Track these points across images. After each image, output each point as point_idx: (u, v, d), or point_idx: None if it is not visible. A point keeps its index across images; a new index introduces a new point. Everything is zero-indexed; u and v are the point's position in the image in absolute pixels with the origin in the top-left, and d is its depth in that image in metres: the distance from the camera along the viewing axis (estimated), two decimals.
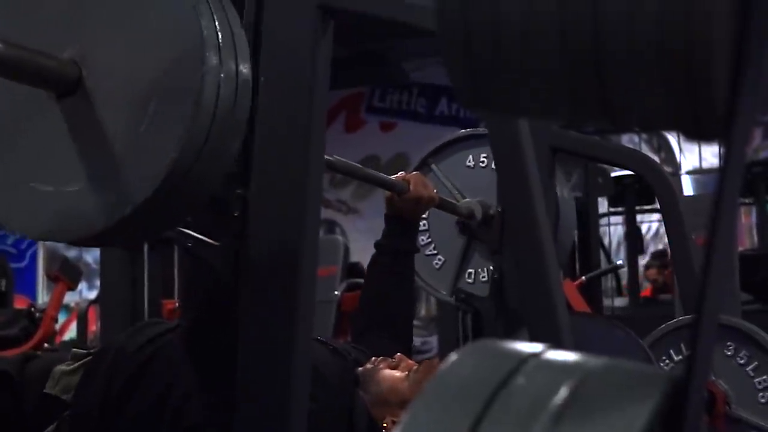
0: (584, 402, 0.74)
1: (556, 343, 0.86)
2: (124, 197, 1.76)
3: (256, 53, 2.01)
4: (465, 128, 11.09)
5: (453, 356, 0.82)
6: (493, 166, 3.41)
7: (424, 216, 3.41)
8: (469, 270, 3.43)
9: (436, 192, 3.17)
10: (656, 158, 9.02)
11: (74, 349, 2.66)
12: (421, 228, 3.45)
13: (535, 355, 0.81)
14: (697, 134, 0.83)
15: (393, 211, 3.10)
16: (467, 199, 3.41)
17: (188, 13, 1.76)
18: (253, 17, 2.01)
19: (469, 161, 3.51)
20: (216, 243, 2.11)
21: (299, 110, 1.92)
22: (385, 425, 2.51)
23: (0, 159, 1.91)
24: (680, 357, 3.69)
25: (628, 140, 11.69)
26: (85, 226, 1.81)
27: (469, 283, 3.41)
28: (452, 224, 3.46)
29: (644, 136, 12.29)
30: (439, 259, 3.48)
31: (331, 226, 12.45)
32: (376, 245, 3.14)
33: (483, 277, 3.38)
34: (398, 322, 3.05)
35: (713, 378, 3.56)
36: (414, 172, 3.20)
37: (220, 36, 1.77)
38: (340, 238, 8.79)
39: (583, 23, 0.81)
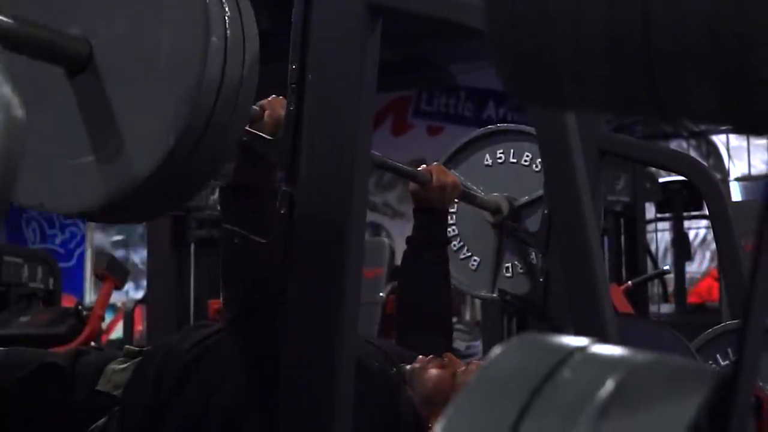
0: (630, 395, 0.74)
1: (602, 339, 0.86)
2: (131, 171, 1.79)
3: (304, 51, 2.01)
4: None
5: (498, 349, 0.81)
6: (511, 159, 3.47)
7: (452, 222, 3.43)
8: (506, 265, 3.43)
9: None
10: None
11: (127, 346, 2.69)
12: (452, 233, 3.48)
13: (581, 349, 0.80)
14: (749, 129, 0.82)
15: (420, 203, 3.12)
16: (493, 194, 3.42)
17: (197, 7, 1.78)
18: (301, 15, 2.01)
19: (487, 160, 3.52)
20: (263, 240, 2.12)
21: (346, 108, 1.92)
22: (430, 426, 2.49)
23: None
24: (727, 362, 3.65)
25: (677, 146, 11.61)
26: (93, 198, 1.84)
27: (508, 277, 3.41)
28: (481, 224, 3.47)
29: (693, 142, 12.21)
30: (475, 260, 3.49)
31: (377, 228, 12.45)
32: (408, 240, 3.16)
33: (520, 269, 3.39)
34: (437, 314, 3.04)
35: (761, 383, 3.52)
36: (435, 163, 3.22)
37: (226, 10, 1.80)
38: (385, 240, 8.79)
39: (632, 16, 0.80)
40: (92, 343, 6.41)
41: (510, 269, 3.42)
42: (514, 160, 3.45)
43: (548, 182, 2.28)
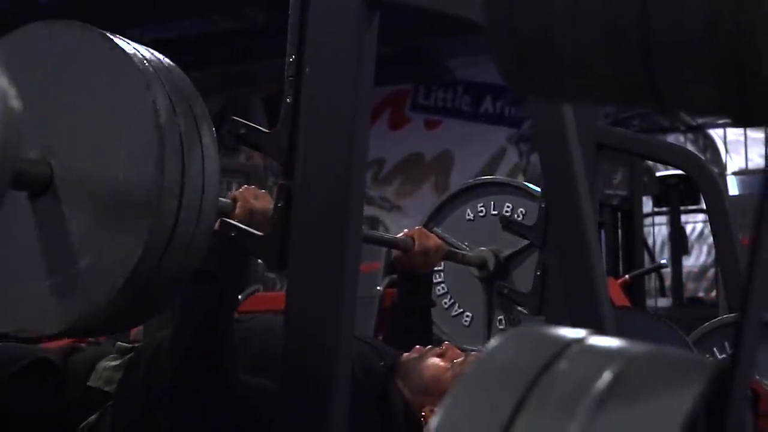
0: (628, 386, 0.74)
1: (599, 331, 0.86)
2: (96, 291, 1.80)
3: (302, 44, 2.01)
4: (510, 127, 11.05)
5: (495, 341, 0.81)
6: (492, 212, 3.51)
7: (441, 280, 3.46)
8: (499, 317, 3.46)
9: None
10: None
11: (119, 343, 2.68)
12: (442, 291, 3.50)
13: (578, 341, 0.80)
14: (746, 121, 0.82)
15: (405, 268, 3.14)
16: (478, 249, 3.44)
17: (149, 120, 1.79)
18: (299, 8, 2.01)
19: (468, 215, 3.55)
20: (260, 233, 2.11)
21: (343, 101, 1.92)
22: (424, 414, 2.50)
23: None
24: (724, 355, 3.66)
25: (674, 140, 11.60)
26: (62, 320, 1.85)
27: (501, 329, 3.43)
28: (470, 279, 3.49)
29: (690, 136, 12.20)
30: (468, 316, 3.52)
31: (374, 223, 12.43)
32: (393, 305, 3.18)
33: (513, 320, 3.41)
34: None
35: (758, 377, 3.52)
36: (416, 228, 3.22)
37: (180, 125, 1.81)
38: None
39: (630, 9, 0.80)
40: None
41: (503, 321, 3.44)
42: (495, 213, 3.48)
43: (545, 175, 2.27)
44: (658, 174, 8.88)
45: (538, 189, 3.40)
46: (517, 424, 0.73)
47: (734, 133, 11.91)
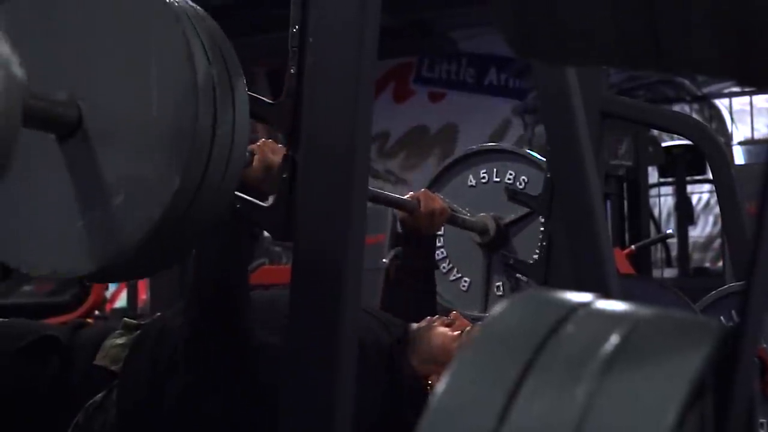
0: (635, 349, 0.73)
1: (605, 295, 0.85)
2: (121, 237, 1.78)
3: (305, 14, 2.00)
4: (514, 99, 11.01)
5: (501, 305, 0.81)
6: (495, 178, 3.52)
7: (440, 245, 3.46)
8: (497, 284, 3.46)
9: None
10: None
11: (125, 319, 2.67)
12: (441, 255, 3.51)
13: (585, 305, 0.80)
14: (749, 80, 0.82)
15: (408, 230, 3.13)
16: (479, 214, 3.45)
17: (182, 58, 1.77)
18: None
19: (470, 181, 3.56)
20: (264, 205, 2.11)
21: (347, 71, 1.91)
22: (430, 383, 2.49)
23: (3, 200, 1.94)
24: (731, 324, 3.65)
25: (680, 110, 11.57)
26: (89, 262, 1.84)
27: (499, 296, 3.43)
28: (470, 245, 3.50)
29: (696, 106, 12.18)
30: (465, 281, 3.53)
31: None
32: (395, 269, 3.18)
33: (511, 287, 3.42)
34: None
35: (764, 345, 3.52)
36: (422, 190, 3.22)
37: (215, 81, 1.79)
38: None
39: None
40: (96, 312, 6.42)
41: (501, 288, 3.45)
42: (498, 179, 3.48)
43: (551, 145, 2.27)
44: (663, 144, 8.86)
45: (541, 157, 3.40)
46: (524, 389, 0.73)
47: (740, 103, 11.89)
